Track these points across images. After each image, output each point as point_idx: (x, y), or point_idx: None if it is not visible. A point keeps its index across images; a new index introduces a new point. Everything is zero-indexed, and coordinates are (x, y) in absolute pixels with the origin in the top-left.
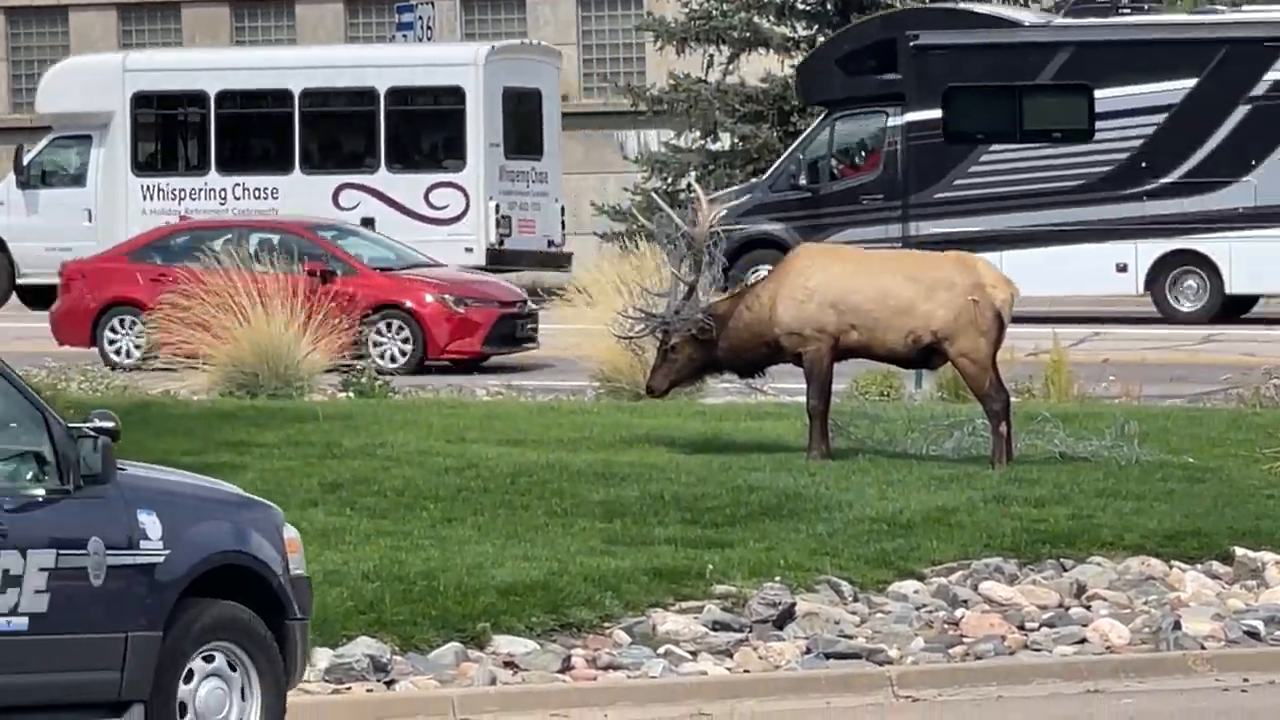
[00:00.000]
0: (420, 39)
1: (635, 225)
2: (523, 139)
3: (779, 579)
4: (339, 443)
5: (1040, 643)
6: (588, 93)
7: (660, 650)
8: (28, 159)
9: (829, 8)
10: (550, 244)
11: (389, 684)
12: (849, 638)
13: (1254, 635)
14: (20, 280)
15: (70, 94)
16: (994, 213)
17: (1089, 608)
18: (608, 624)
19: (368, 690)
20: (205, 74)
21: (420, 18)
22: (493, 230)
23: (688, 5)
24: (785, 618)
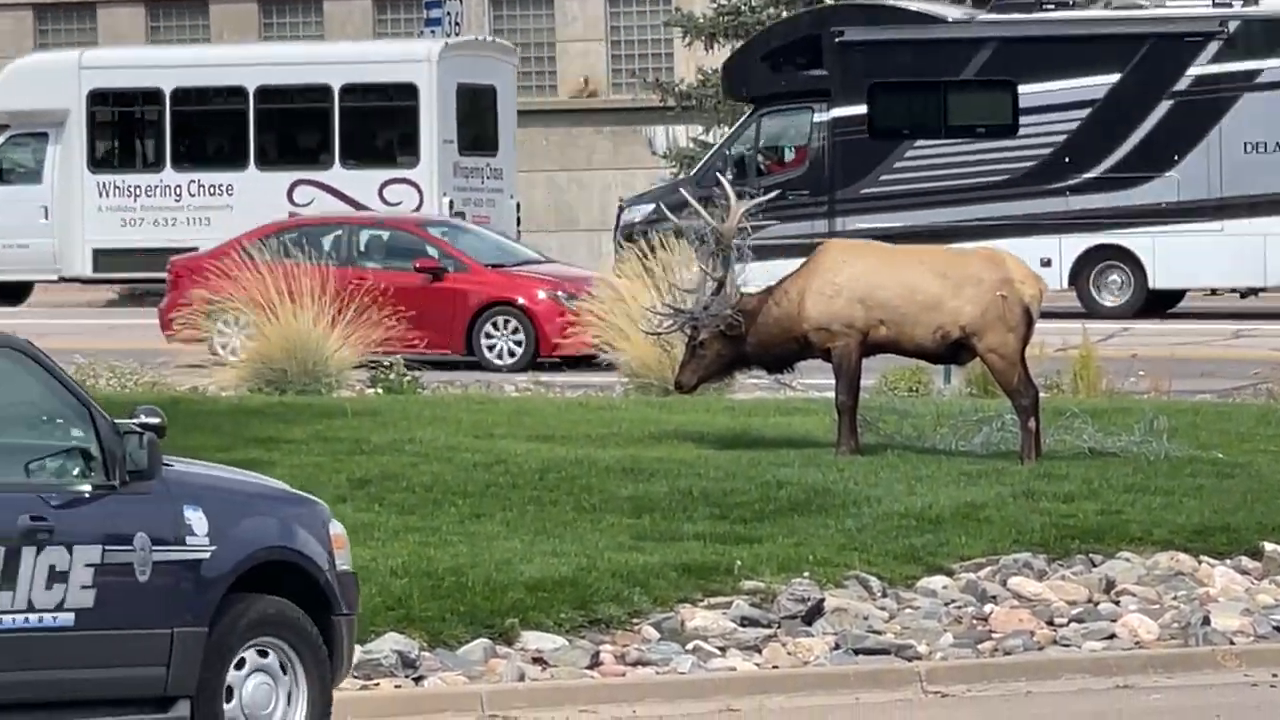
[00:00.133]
0: (449, 34)
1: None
2: (477, 136)
3: (808, 574)
4: (367, 439)
5: (1069, 638)
6: (616, 88)
7: (689, 646)
8: None
9: None
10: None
11: (417, 680)
12: (878, 633)
13: None
14: None
15: (27, 91)
16: (919, 208)
17: (1118, 603)
18: (636, 620)
19: (396, 686)
20: (160, 71)
21: (449, 13)
22: None
23: (716, 1)
24: (814, 613)
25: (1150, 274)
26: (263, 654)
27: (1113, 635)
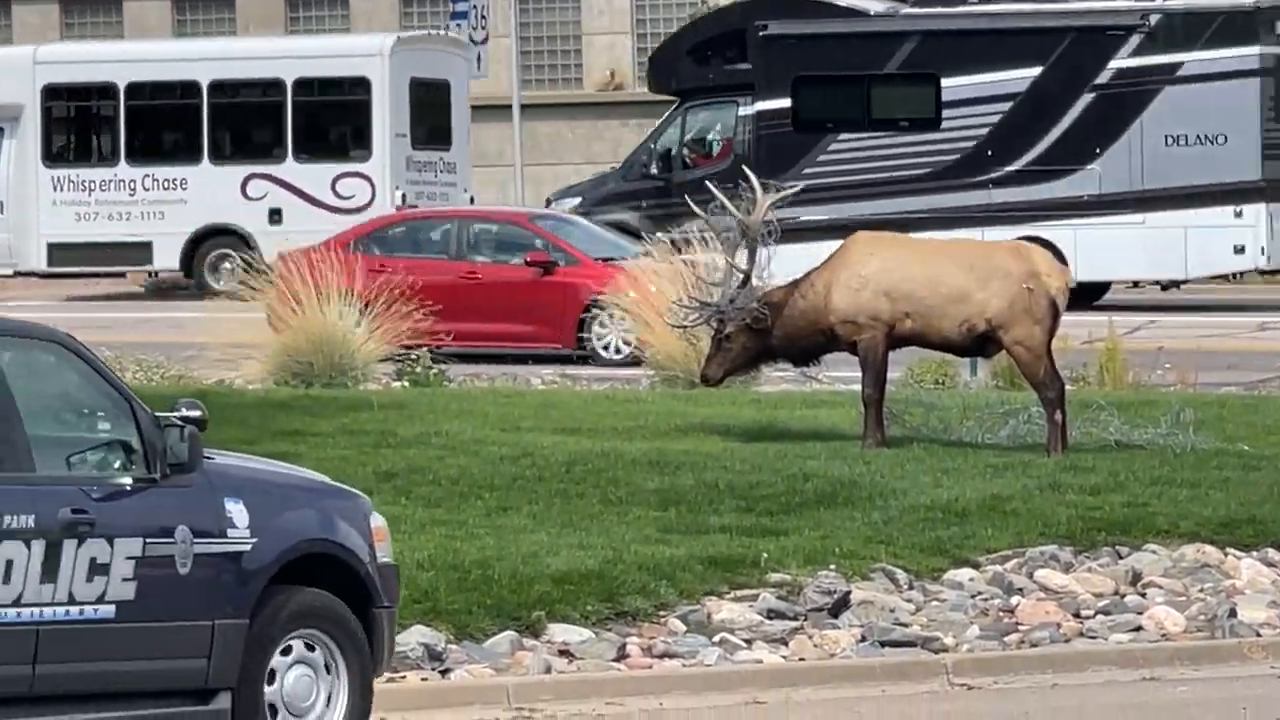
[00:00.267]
0: (474, 28)
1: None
2: (431, 130)
3: (834, 567)
4: (394, 432)
5: (1096, 630)
6: (642, 81)
7: (715, 638)
8: None
9: None
10: None
11: (444, 673)
12: (904, 626)
13: None
14: None
15: None
16: (843, 201)
17: (1144, 595)
18: (663, 612)
19: (423, 679)
20: (115, 66)
21: (475, 7)
22: None
23: None
24: (840, 606)
25: (1072, 266)
26: (304, 646)
27: (1139, 628)
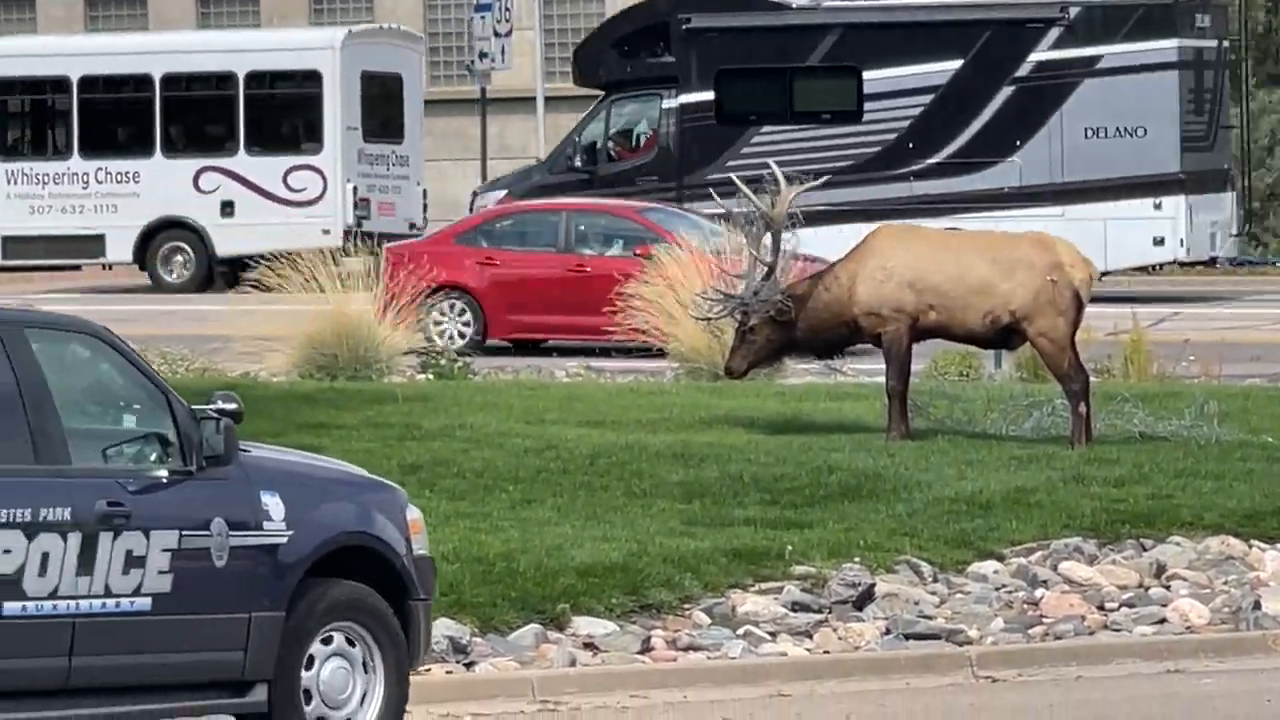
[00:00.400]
0: (499, 20)
1: None
2: (383, 123)
3: (858, 559)
4: (418, 424)
5: (1120, 623)
6: None
7: (740, 631)
8: None
9: None
10: (412, 226)
11: (469, 665)
12: (929, 618)
13: None
14: None
15: None
16: (766, 193)
17: (1169, 587)
18: (687, 605)
19: (447, 672)
20: (68, 59)
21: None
22: (350, 212)
23: None
24: (865, 598)
25: None
26: (340, 638)
27: (1163, 620)
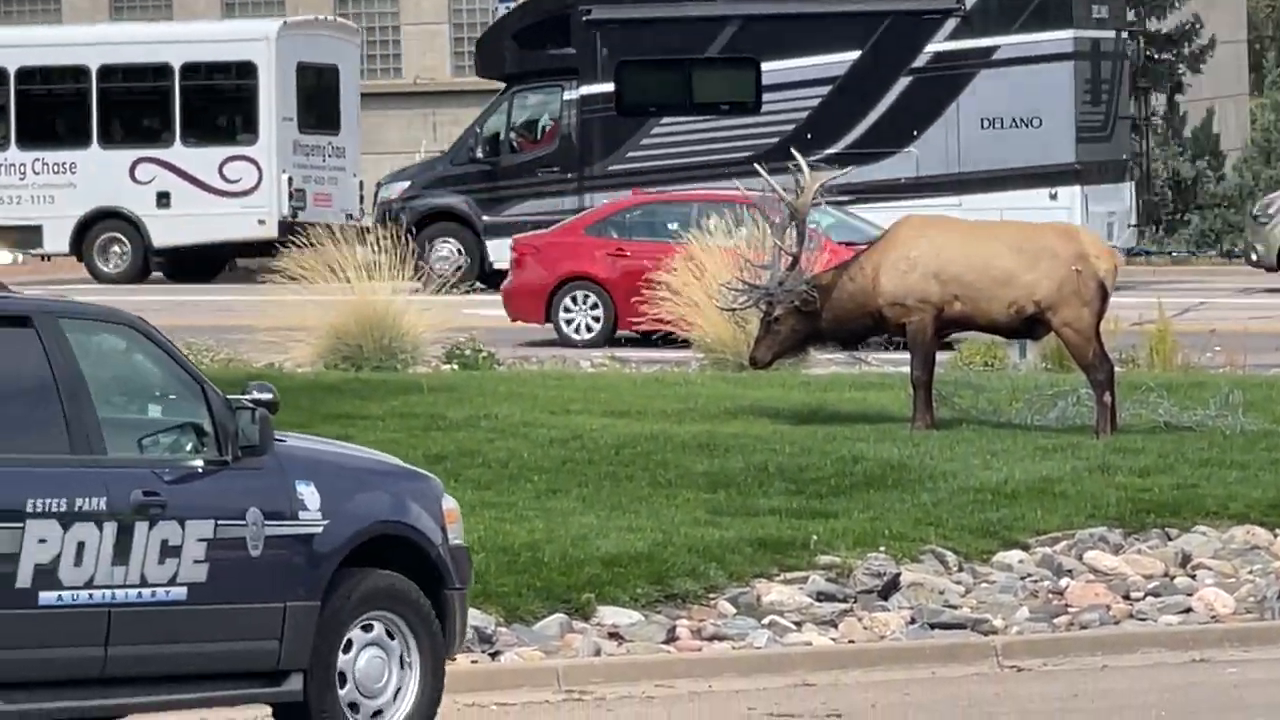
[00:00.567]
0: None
1: None
2: (320, 114)
3: (883, 549)
4: (444, 415)
5: (1145, 612)
6: None
7: (765, 621)
8: None
9: None
10: (349, 217)
11: (494, 655)
12: (954, 608)
13: None
14: None
15: None
16: (666, 183)
17: (1194, 577)
18: (712, 595)
19: (473, 662)
20: (5, 51)
21: None
22: (285, 202)
23: None
24: (890, 588)
25: None
26: (375, 628)
27: (1189, 609)
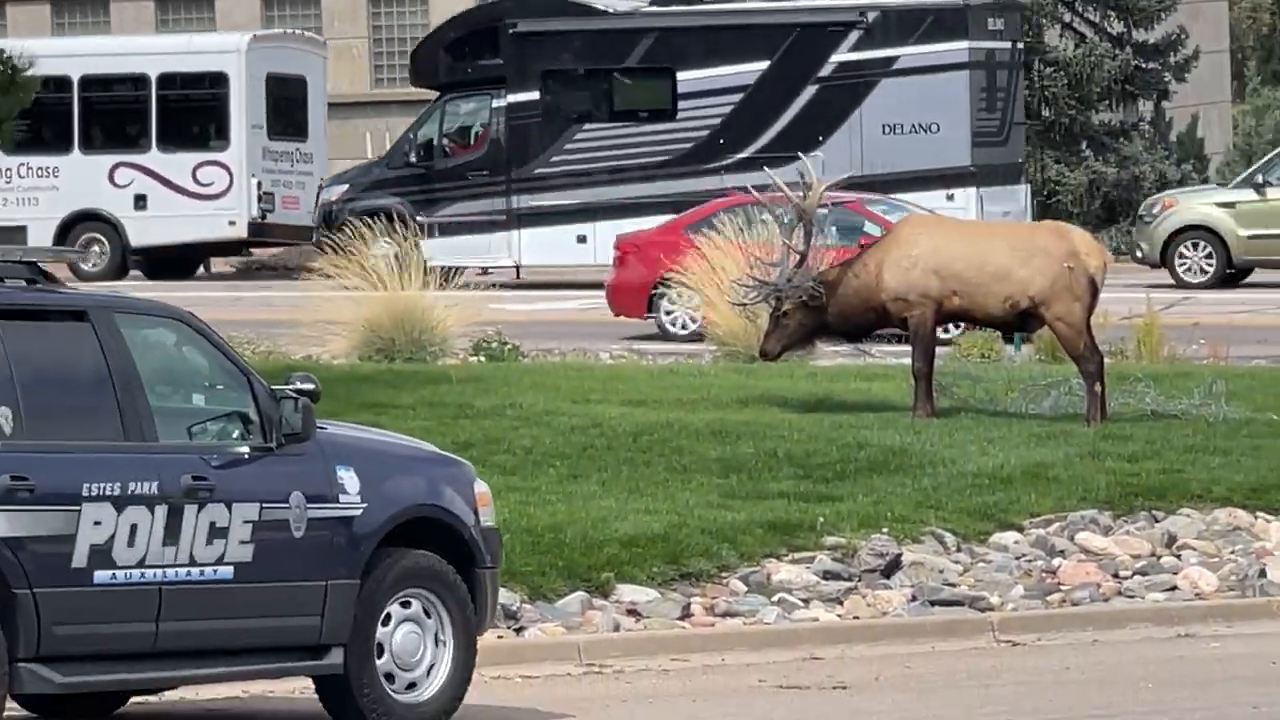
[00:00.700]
0: None
1: None
2: (288, 122)
3: (886, 531)
4: (471, 404)
5: (1133, 590)
6: None
7: (774, 598)
8: None
9: None
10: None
11: (518, 631)
12: (952, 586)
13: None
14: None
15: None
16: (588, 186)
17: (1179, 557)
18: (724, 574)
19: (498, 637)
20: None
21: None
22: (255, 205)
23: None
24: (892, 567)
25: None
26: (413, 605)
27: (1174, 587)
